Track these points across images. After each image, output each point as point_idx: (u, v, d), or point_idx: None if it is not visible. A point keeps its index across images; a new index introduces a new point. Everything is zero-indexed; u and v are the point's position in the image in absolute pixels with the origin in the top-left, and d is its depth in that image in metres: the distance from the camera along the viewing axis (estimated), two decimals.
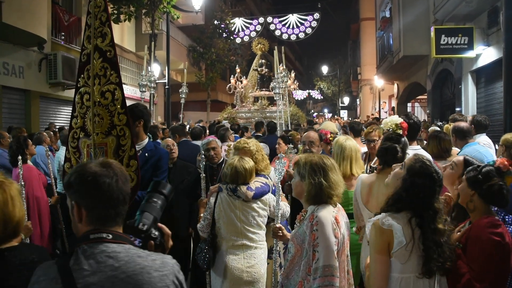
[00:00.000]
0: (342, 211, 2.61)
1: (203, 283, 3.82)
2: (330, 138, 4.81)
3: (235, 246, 3.39)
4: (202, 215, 3.54)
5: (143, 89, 10.58)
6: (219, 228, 3.45)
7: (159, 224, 1.78)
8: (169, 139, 5.57)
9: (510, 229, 3.08)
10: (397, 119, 3.53)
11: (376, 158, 3.63)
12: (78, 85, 3.13)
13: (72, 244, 3.25)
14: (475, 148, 4.47)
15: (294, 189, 2.67)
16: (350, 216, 3.02)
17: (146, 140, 3.63)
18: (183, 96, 11.63)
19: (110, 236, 1.48)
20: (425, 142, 5.91)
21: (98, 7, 2.96)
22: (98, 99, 2.95)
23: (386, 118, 3.83)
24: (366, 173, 3.84)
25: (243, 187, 3.36)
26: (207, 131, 9.26)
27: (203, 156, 3.94)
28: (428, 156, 3.84)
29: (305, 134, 4.97)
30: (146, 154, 3.53)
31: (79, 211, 1.50)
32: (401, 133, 3.48)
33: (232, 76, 17.05)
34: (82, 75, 3.08)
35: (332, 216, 2.44)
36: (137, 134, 3.47)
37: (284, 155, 3.50)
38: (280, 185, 3.29)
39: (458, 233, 2.43)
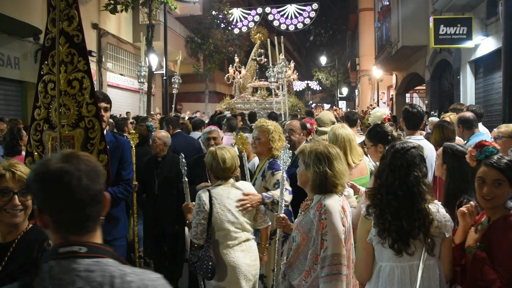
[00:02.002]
0: (345, 200, 2.62)
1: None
2: (315, 128, 4.82)
3: (239, 242, 3.19)
4: (193, 221, 3.17)
5: (142, 80, 10.53)
6: (220, 229, 3.15)
7: None
8: (163, 131, 5.40)
9: None
10: (382, 113, 3.41)
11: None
12: (42, 73, 2.87)
13: None
14: (482, 139, 4.46)
15: (299, 178, 2.66)
16: None
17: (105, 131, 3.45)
18: (176, 86, 11.58)
19: (84, 249, 1.23)
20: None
21: None
22: (65, 88, 2.72)
23: (375, 108, 3.68)
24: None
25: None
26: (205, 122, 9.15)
27: (183, 160, 3.46)
28: (429, 146, 3.83)
29: (287, 122, 5.02)
30: (108, 146, 3.35)
31: (41, 217, 1.26)
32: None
33: (230, 66, 17.00)
34: (46, 62, 2.83)
35: (339, 205, 2.45)
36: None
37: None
38: (285, 175, 3.19)
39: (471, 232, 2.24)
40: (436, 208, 2.25)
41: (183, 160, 3.46)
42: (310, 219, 2.46)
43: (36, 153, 2.86)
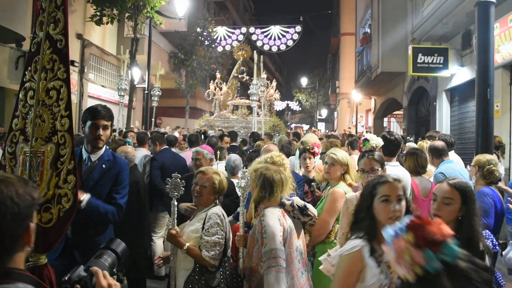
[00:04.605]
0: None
1: None
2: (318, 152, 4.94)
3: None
4: (210, 240, 2.99)
5: (122, 93, 10.48)
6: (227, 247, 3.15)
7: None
8: (129, 147, 5.26)
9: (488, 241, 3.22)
10: (377, 142, 3.57)
11: None
12: (24, 80, 2.66)
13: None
14: (450, 166, 4.69)
15: (252, 192, 3.08)
16: None
17: (104, 148, 3.21)
18: (155, 99, 11.51)
19: None
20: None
21: None
22: (43, 97, 2.51)
23: (369, 134, 3.85)
24: None
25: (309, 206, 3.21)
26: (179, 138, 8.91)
27: (178, 180, 3.21)
28: (404, 173, 3.97)
29: (265, 146, 5.08)
30: (104, 165, 3.14)
31: None
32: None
33: (211, 82, 16.95)
34: (29, 68, 2.63)
35: (279, 210, 2.92)
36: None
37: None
38: (244, 197, 3.25)
39: None
40: None
41: (180, 180, 3.18)
42: (256, 224, 2.89)
43: (8, 167, 2.65)
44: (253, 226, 2.96)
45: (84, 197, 2.94)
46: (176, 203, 3.22)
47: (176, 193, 3.19)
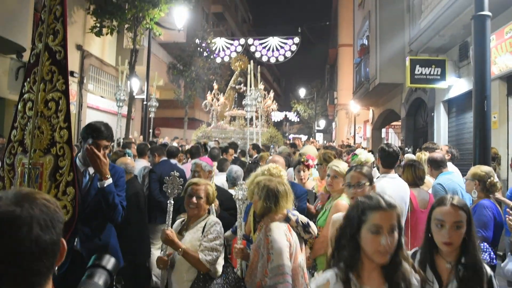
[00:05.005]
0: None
1: None
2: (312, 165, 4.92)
3: None
4: (209, 245, 3.05)
5: (121, 104, 10.47)
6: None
7: None
8: (128, 158, 5.27)
9: (484, 256, 3.21)
10: (366, 158, 3.56)
11: None
12: (23, 91, 2.66)
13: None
14: (449, 177, 4.71)
15: (254, 205, 3.06)
16: None
17: None
18: (153, 110, 11.49)
19: None
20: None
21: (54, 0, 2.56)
22: (41, 109, 2.50)
23: (359, 149, 3.84)
24: None
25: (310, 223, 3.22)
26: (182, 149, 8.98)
27: (179, 179, 3.25)
28: (403, 184, 3.98)
29: (270, 157, 5.08)
30: (77, 178, 3.13)
31: None
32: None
33: (209, 92, 16.96)
34: (28, 79, 2.64)
35: (285, 225, 2.89)
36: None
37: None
38: (241, 209, 3.26)
39: None
40: None
41: (180, 179, 3.21)
42: (260, 238, 2.86)
43: (7, 179, 2.64)
44: (257, 240, 2.91)
45: (110, 179, 2.97)
46: (172, 201, 3.20)
47: (175, 192, 3.20)
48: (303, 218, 3.14)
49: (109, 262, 1.57)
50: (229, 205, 3.67)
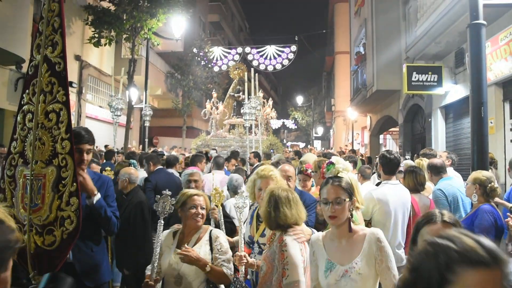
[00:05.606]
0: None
1: None
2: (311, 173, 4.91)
3: None
4: (228, 256, 3.13)
5: (118, 113, 10.51)
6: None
7: None
8: (132, 168, 5.28)
9: None
10: (346, 165, 3.25)
11: None
12: (22, 102, 2.66)
13: None
14: (449, 183, 4.77)
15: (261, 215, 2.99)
16: None
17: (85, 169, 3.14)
18: (147, 119, 11.50)
19: None
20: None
21: (52, 11, 2.56)
22: (42, 120, 2.51)
23: (335, 156, 3.46)
24: None
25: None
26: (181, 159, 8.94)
27: (170, 198, 3.20)
28: (404, 190, 4.02)
29: (280, 166, 5.04)
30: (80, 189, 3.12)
31: None
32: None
33: (208, 101, 17.03)
34: (27, 91, 2.65)
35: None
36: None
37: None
38: (241, 217, 3.34)
39: None
40: None
41: (170, 197, 3.15)
42: (274, 251, 2.79)
43: (8, 190, 2.64)
44: (270, 252, 2.84)
45: (98, 194, 2.98)
46: (163, 222, 3.11)
47: (165, 212, 3.12)
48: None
49: (66, 284, 1.49)
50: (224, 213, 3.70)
